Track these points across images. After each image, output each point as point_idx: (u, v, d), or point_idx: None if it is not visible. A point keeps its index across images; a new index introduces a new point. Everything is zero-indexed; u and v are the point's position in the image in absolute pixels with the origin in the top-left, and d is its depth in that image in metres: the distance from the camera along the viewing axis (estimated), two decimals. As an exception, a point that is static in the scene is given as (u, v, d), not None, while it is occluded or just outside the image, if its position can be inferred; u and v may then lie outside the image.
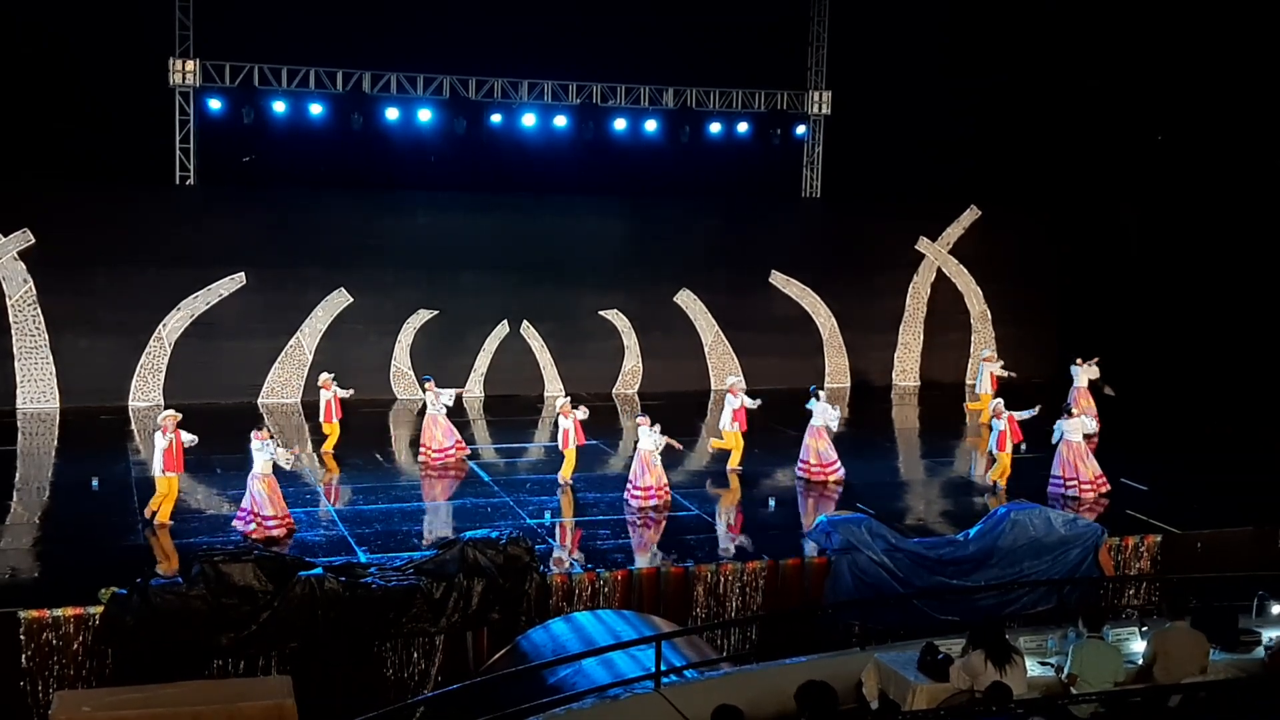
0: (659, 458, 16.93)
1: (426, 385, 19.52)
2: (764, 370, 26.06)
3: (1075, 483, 17.73)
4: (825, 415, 18.43)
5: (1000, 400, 18.76)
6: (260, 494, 15.16)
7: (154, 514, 15.50)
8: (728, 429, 19.10)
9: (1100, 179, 27.89)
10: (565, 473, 17.93)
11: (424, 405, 19.54)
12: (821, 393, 18.79)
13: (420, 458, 19.05)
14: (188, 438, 15.63)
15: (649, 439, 16.88)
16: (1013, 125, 26.56)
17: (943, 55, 25.80)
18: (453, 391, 19.43)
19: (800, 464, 18.62)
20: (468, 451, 19.49)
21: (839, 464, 18.52)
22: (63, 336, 22.32)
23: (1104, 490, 17.86)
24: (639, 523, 16.49)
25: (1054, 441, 18.00)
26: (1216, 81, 25.18)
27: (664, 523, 16.50)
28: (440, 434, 19.09)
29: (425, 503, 17.19)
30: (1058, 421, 18.06)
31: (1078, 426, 17.93)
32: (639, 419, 17.32)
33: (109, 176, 22.59)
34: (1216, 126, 25.65)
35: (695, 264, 25.72)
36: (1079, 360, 22.95)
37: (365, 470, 18.81)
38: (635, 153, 25.38)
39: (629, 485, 17.06)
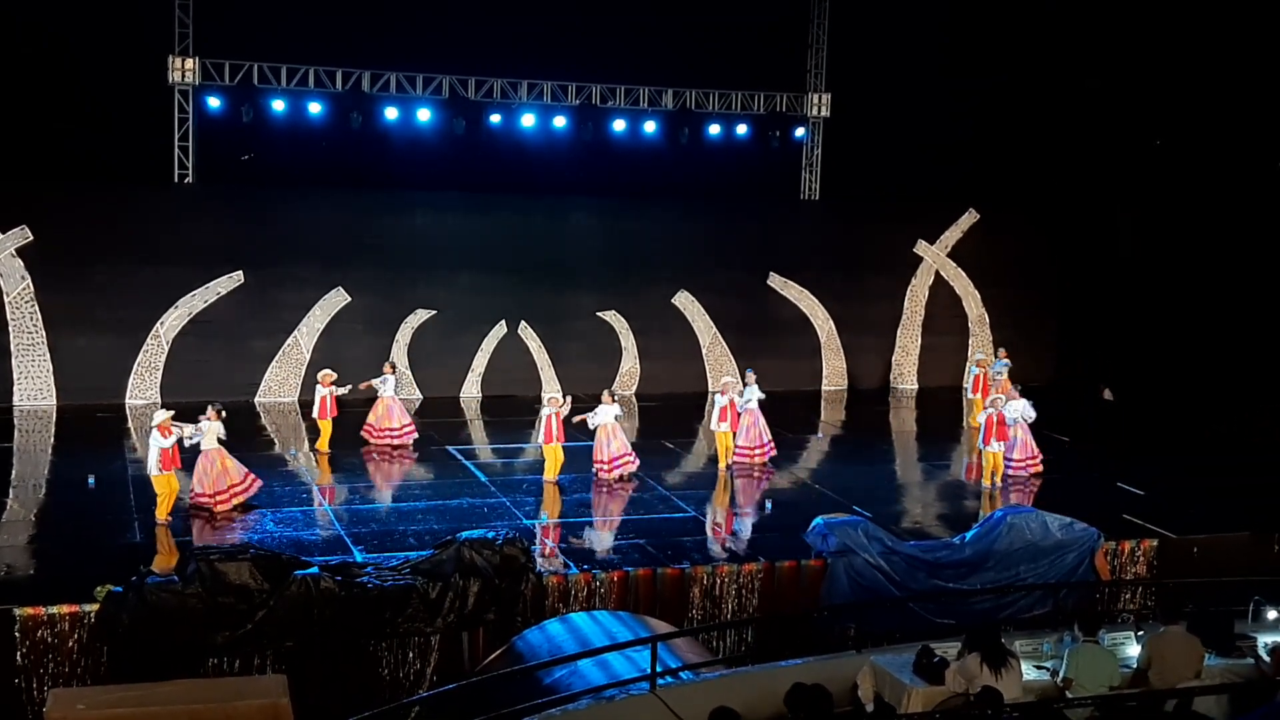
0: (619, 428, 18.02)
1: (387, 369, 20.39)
2: (762, 372, 25.91)
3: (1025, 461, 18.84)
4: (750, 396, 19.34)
5: (1001, 398, 18.84)
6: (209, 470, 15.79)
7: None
8: (717, 428, 19.12)
9: (1099, 182, 27.91)
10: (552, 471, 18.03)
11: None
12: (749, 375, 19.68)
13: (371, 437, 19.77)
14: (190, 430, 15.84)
15: (606, 413, 17.85)
16: (1012, 128, 26.57)
17: (942, 58, 25.81)
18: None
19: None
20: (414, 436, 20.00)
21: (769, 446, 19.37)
22: (60, 334, 22.31)
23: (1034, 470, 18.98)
24: (608, 493, 17.36)
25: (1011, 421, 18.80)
26: (1212, 84, 25.21)
27: (630, 490, 17.25)
28: (392, 415, 19.89)
29: (422, 502, 17.16)
30: (1013, 404, 18.95)
31: (1021, 407, 18.85)
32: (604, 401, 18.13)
33: (108, 174, 22.56)
34: (1213, 129, 25.67)
35: (693, 265, 25.72)
36: (990, 355, 23.35)
37: (362, 469, 18.80)
38: (634, 154, 25.38)
39: (597, 463, 18.02)
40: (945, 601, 14.55)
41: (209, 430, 16.02)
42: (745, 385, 19.58)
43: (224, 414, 16.37)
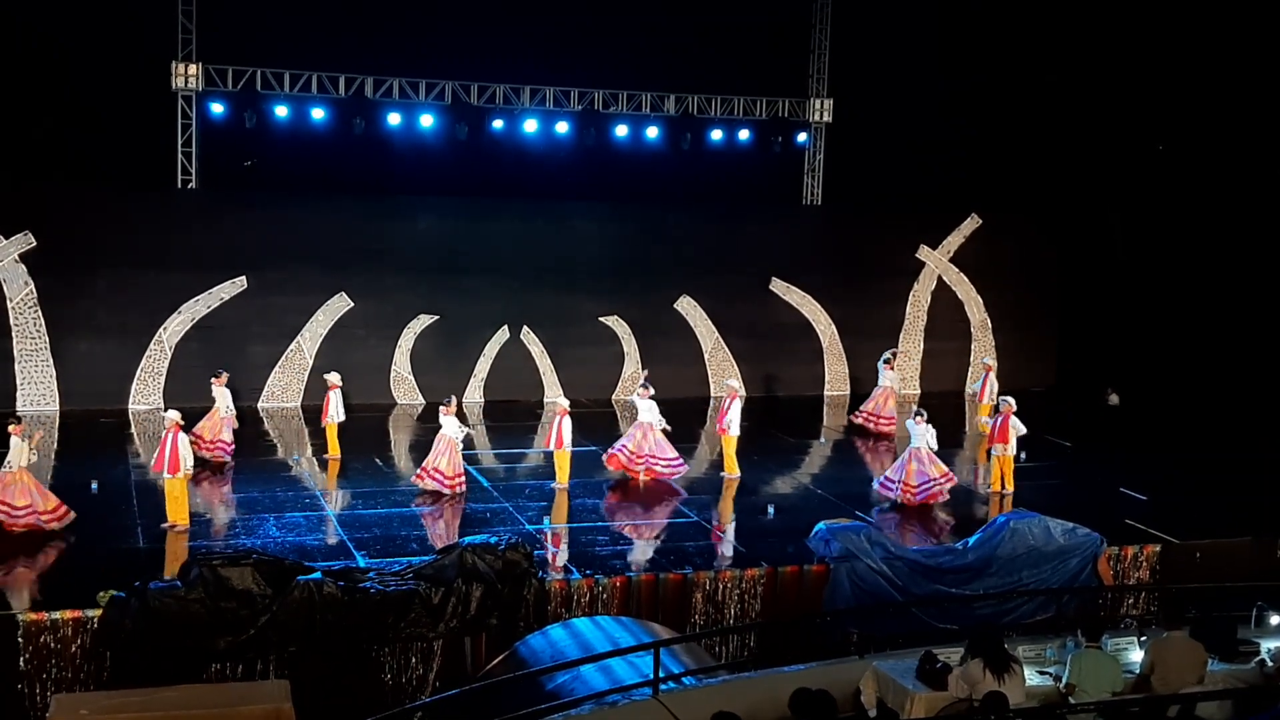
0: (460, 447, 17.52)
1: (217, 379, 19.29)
2: (764, 377, 26.10)
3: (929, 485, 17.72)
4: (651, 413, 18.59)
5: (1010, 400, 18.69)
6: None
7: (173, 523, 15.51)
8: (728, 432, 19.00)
9: (1100, 187, 27.93)
10: (564, 477, 18.00)
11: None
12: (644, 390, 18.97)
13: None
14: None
15: (451, 426, 17.38)
16: (1013, 133, 26.59)
17: (943, 63, 25.85)
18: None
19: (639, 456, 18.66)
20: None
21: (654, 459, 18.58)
22: (63, 339, 22.31)
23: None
24: (439, 510, 16.96)
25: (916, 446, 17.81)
26: (1212, 88, 25.25)
27: (461, 511, 16.84)
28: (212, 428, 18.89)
29: (424, 507, 17.17)
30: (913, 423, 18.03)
31: (924, 433, 17.84)
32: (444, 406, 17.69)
33: (111, 180, 22.60)
34: (1214, 133, 25.70)
35: (696, 270, 25.71)
36: (887, 359, 23.25)
37: (365, 475, 18.81)
38: (637, 159, 25.39)
39: (428, 469, 17.49)
40: (948, 607, 14.56)
41: (18, 448, 15.21)
42: (643, 394, 18.88)
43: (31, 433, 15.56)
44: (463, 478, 17.50)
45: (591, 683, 10.54)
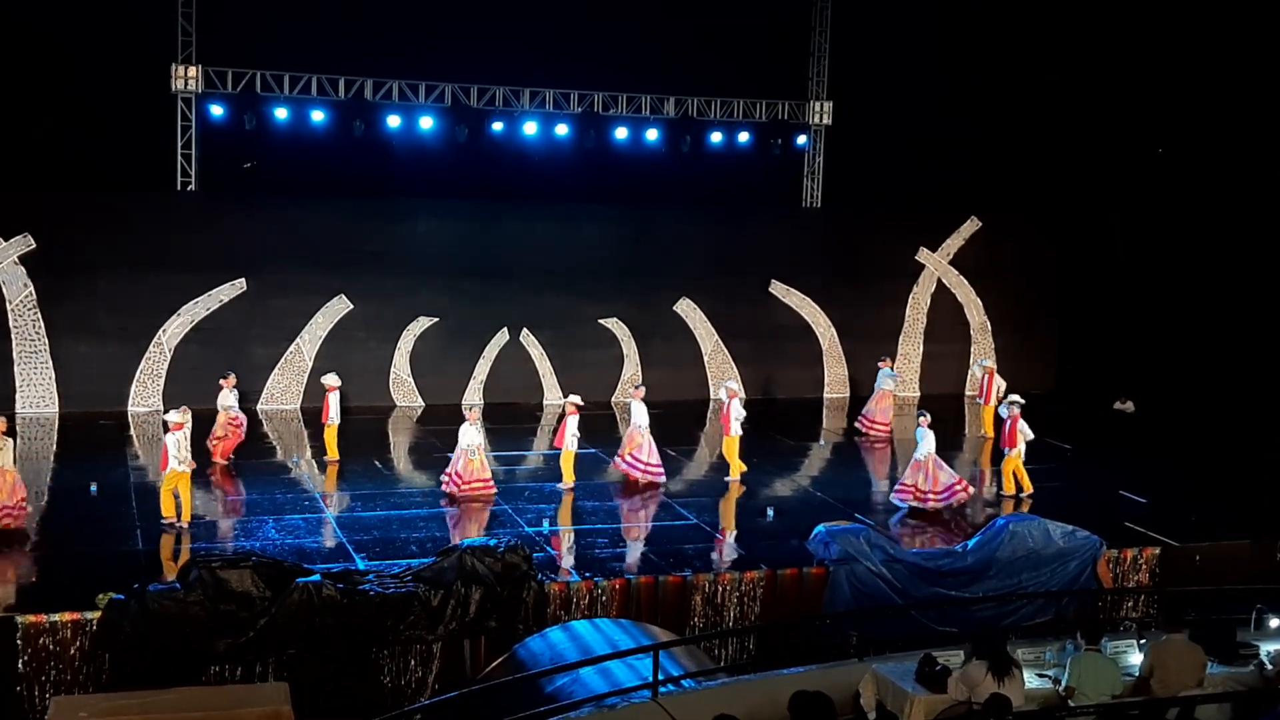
0: (480, 453, 17.46)
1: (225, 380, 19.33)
2: (763, 380, 26.09)
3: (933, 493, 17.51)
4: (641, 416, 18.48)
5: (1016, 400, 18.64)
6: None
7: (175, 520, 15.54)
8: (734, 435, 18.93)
9: (1101, 189, 27.94)
10: (569, 478, 18.00)
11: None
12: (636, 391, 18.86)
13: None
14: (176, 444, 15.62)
15: (471, 434, 17.31)
16: (1013, 135, 26.61)
17: (944, 62, 25.86)
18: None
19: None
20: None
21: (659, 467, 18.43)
22: (63, 341, 22.31)
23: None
24: (460, 513, 16.95)
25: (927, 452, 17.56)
26: (1212, 89, 25.27)
27: (486, 514, 16.84)
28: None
29: (424, 510, 17.16)
30: (922, 430, 17.80)
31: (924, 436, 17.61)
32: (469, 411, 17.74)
33: (111, 182, 22.61)
34: (1214, 135, 25.71)
35: (695, 273, 25.72)
36: (884, 361, 23.23)
37: (364, 477, 18.81)
38: (636, 161, 25.39)
39: (451, 475, 17.43)
40: (947, 610, 14.55)
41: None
42: (635, 400, 18.87)
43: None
44: (471, 486, 17.42)
45: (591, 685, 10.54)
